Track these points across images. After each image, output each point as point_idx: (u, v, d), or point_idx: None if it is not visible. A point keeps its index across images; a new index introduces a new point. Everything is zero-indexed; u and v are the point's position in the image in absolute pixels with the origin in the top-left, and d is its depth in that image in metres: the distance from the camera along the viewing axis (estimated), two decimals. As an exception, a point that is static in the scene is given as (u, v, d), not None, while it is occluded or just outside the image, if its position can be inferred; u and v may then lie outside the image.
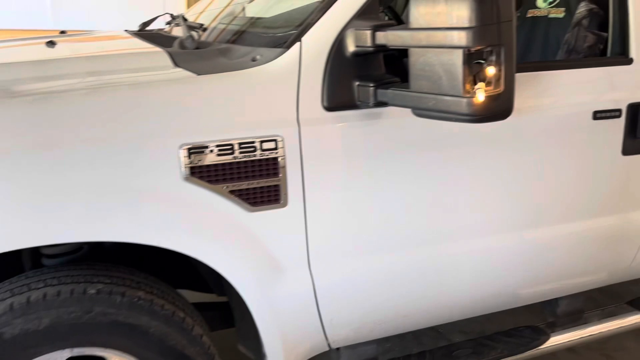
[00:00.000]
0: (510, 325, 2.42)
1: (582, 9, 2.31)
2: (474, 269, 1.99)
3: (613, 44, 2.14)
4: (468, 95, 1.37)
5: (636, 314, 2.42)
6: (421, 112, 1.53)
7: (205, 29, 2.09)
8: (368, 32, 1.59)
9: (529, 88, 1.90)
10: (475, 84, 1.38)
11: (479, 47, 1.34)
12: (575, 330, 2.33)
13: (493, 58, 1.36)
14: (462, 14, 1.32)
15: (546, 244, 2.10)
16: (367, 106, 1.67)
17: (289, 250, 1.71)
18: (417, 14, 1.43)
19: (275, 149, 1.60)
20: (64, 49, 2.25)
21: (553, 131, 1.96)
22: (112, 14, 6.21)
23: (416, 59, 1.47)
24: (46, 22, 6.48)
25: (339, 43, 1.65)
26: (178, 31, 2.33)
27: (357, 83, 1.67)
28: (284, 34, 1.73)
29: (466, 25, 1.32)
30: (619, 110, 2.02)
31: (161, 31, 2.69)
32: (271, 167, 1.61)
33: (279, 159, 1.61)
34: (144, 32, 2.56)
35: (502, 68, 1.36)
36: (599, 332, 2.36)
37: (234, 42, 1.92)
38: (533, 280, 2.17)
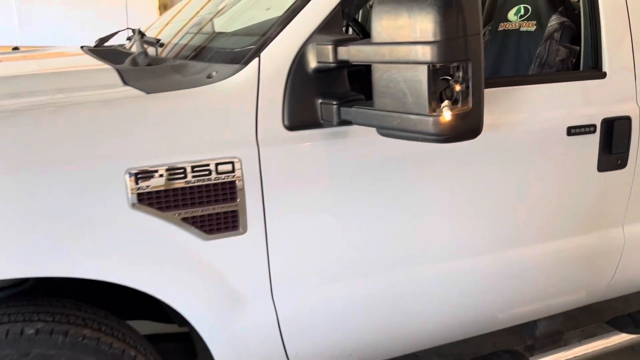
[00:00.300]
0: (489, 348, 2.33)
1: (553, 22, 2.26)
2: (448, 292, 1.89)
3: (585, 57, 2.08)
4: (434, 113, 1.28)
5: (616, 334, 2.35)
6: (386, 131, 1.44)
7: (162, 45, 1.98)
8: (330, 47, 1.50)
9: (500, 104, 1.83)
10: (441, 101, 1.29)
11: (444, 63, 1.25)
12: (555, 353, 2.25)
13: (460, 74, 1.27)
14: (426, 27, 1.23)
15: (522, 264, 2.02)
16: (331, 125, 1.57)
17: (249, 280, 1.59)
18: (380, 28, 1.34)
19: (232, 171, 1.49)
20: (2, 67, 2.12)
21: (526, 148, 1.89)
22: (81, 29, 6.07)
23: (380, 75, 1.38)
24: (14, 38, 6.31)
25: (300, 58, 1.56)
26: (137, 47, 2.22)
27: (320, 101, 1.57)
28: (242, 49, 1.63)
29: (430, 39, 1.23)
30: (594, 126, 1.96)
31: (121, 47, 2.57)
32: (228, 191, 1.50)
33: (237, 183, 1.50)
34: (99, 49, 2.43)
35: (470, 84, 1.28)
36: (580, 354, 2.28)
37: (191, 58, 1.82)
38: (510, 303, 2.09)
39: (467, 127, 1.31)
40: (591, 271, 2.19)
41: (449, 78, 1.28)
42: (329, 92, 1.57)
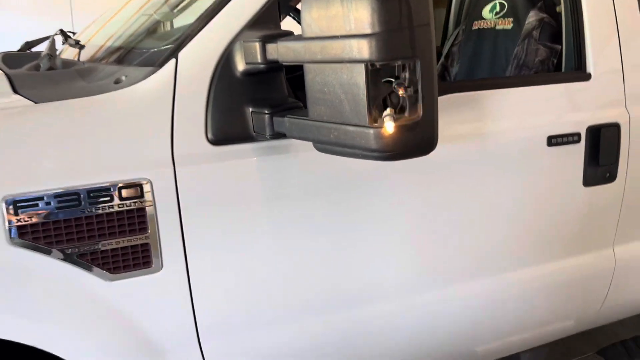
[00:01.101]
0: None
1: (532, 19, 2.02)
2: (412, 331, 1.63)
3: (568, 57, 1.84)
4: (375, 125, 1.02)
5: (608, 367, 2.10)
6: (322, 146, 1.18)
7: (83, 46, 1.71)
8: (257, 45, 1.24)
9: (470, 110, 1.58)
10: (384, 109, 1.03)
11: (385, 61, 1.00)
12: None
13: (406, 75, 1.02)
14: (361, 16, 0.98)
15: (501, 293, 1.76)
16: (264, 138, 1.31)
17: (169, 326, 1.32)
18: (310, 19, 1.09)
19: (141, 197, 1.23)
20: None
21: (500, 162, 1.64)
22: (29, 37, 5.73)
23: (313, 78, 1.13)
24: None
25: (226, 59, 1.30)
26: (68, 51, 1.96)
27: (251, 109, 1.31)
28: (157, 49, 1.38)
29: (367, 31, 0.98)
30: (578, 135, 1.71)
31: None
32: (136, 221, 1.24)
33: (147, 210, 1.24)
34: (11, 53, 2.16)
35: (419, 88, 1.02)
36: (568, 391, 2.04)
37: (102, 60, 1.56)
38: (489, 336, 1.83)
39: (417, 141, 1.05)
40: (579, 297, 1.94)
41: (393, 80, 1.02)
42: (261, 99, 1.32)
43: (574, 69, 1.79)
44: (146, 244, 1.25)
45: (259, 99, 1.32)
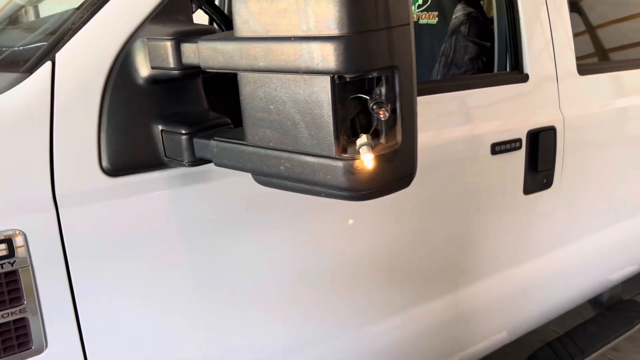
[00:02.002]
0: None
1: (459, 13, 1.88)
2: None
3: (501, 56, 1.71)
4: (345, 156, 0.77)
5: (540, 373, 2.04)
6: (267, 179, 0.91)
7: None
8: (168, 45, 0.93)
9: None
10: (355, 135, 0.79)
11: (358, 73, 0.75)
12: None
13: (381, 90, 0.78)
14: (325, 13, 0.72)
15: (441, 318, 1.61)
16: (180, 164, 1.01)
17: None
18: (247, 13, 0.80)
19: (11, 255, 0.88)
20: None
21: (438, 177, 1.46)
22: None
23: (252, 92, 0.85)
24: None
25: (124, 62, 0.98)
26: None
27: (161, 128, 1.00)
28: (23, 46, 1.01)
29: (334, 32, 0.72)
30: (519, 140, 1.59)
31: None
32: (5, 289, 0.89)
33: (21, 273, 0.89)
34: None
35: (398, 106, 0.79)
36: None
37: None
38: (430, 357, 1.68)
39: (396, 174, 0.82)
40: (517, 307, 1.85)
41: (366, 98, 0.78)
42: (175, 115, 1.01)
43: (510, 69, 1.67)
44: (22, 319, 0.91)
45: (171, 115, 1.01)
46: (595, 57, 1.96)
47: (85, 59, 0.96)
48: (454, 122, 1.47)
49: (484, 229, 1.61)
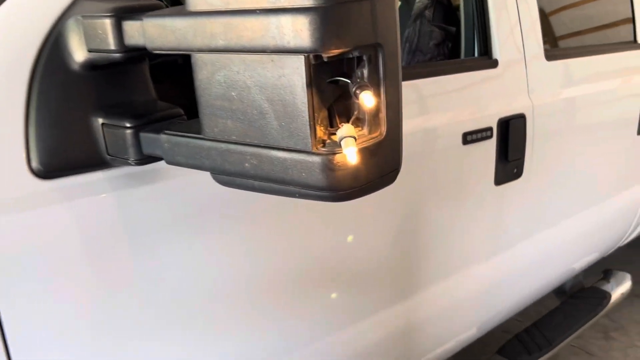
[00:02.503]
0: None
1: (422, -4, 1.79)
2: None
3: (468, 41, 1.63)
4: (322, 150, 0.66)
5: (511, 365, 2.00)
6: (230, 179, 0.78)
7: None
8: (107, 23, 0.79)
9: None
10: (333, 125, 0.68)
11: (340, 50, 0.63)
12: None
13: (363, 72, 0.67)
14: (299, -21, 0.60)
15: (418, 311, 1.53)
16: (125, 163, 0.87)
17: None
18: (202, -17, 0.67)
19: None
20: None
21: (406, 170, 1.37)
22: None
23: (209, 76, 0.72)
24: None
25: (54, 45, 0.83)
26: None
27: (101, 121, 0.86)
28: None
29: (307, 2, 0.60)
30: (490, 129, 1.52)
31: None
32: None
33: None
34: None
35: (382, 91, 0.68)
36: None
37: None
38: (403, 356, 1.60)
39: (380, 169, 0.71)
40: (487, 301, 1.79)
41: (347, 81, 0.67)
42: (118, 106, 0.87)
43: (479, 54, 1.59)
44: None
45: (113, 106, 0.87)
46: (561, 41, 1.92)
47: (7, 42, 0.80)
48: (422, 111, 1.38)
49: (455, 224, 1.53)
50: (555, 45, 1.94)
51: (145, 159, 0.85)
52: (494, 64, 1.55)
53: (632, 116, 2.08)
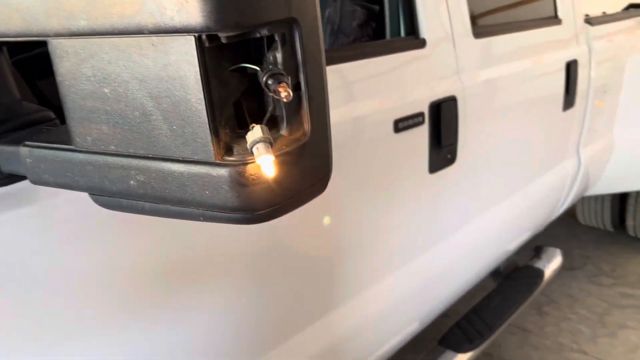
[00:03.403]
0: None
1: (341, -28, 1.65)
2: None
3: (393, 20, 1.52)
4: (231, 160, 0.51)
5: (454, 354, 1.94)
6: (113, 200, 0.61)
7: None
8: None
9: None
10: (242, 127, 0.52)
11: (242, 28, 0.48)
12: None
13: (278, 56, 0.52)
14: None
15: (343, 328, 1.42)
16: (-18, 184, 0.67)
17: None
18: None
19: None
20: None
21: (335, 164, 1.24)
22: None
23: (73, 69, 0.55)
24: None
25: None
26: None
27: (-56, 132, 0.66)
28: None
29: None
30: (422, 115, 1.41)
31: None
32: None
33: None
34: None
35: (303, 80, 0.53)
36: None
37: None
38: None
39: (307, 179, 0.57)
40: (427, 294, 1.71)
41: (255, 68, 0.51)
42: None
43: (406, 34, 1.48)
44: None
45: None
46: (489, 18, 1.85)
47: None
48: (348, 99, 1.25)
49: (390, 219, 1.42)
50: (476, 23, 1.87)
51: (5, 179, 0.66)
52: (421, 43, 1.44)
53: (557, 92, 2.06)
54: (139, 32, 0.48)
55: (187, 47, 0.47)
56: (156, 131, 0.52)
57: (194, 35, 0.47)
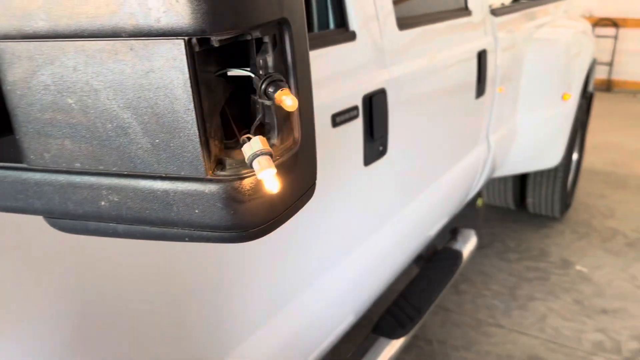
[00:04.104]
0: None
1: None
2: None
3: (321, 12, 1.50)
4: (223, 175, 0.46)
5: (387, 341, 1.99)
6: (79, 225, 0.54)
7: None
8: None
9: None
10: (229, 137, 0.48)
11: (236, 31, 0.44)
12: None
13: (268, 59, 0.48)
14: None
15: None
16: None
17: None
18: None
19: None
20: None
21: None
22: None
23: (27, 76, 0.47)
24: None
25: None
26: None
27: None
28: None
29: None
30: (356, 108, 1.41)
31: None
32: None
33: None
34: None
35: (293, 84, 0.50)
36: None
37: None
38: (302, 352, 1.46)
39: (299, 189, 0.53)
40: (361, 287, 1.73)
41: (250, 75, 0.47)
42: None
43: (335, 27, 1.46)
44: None
45: None
46: (407, 9, 1.88)
47: None
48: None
49: (328, 216, 1.41)
50: (398, 15, 1.90)
51: None
52: (352, 36, 1.44)
53: (471, 81, 2.16)
54: (114, 35, 0.42)
55: (175, 51, 0.42)
56: (134, 146, 0.46)
57: (184, 39, 0.42)
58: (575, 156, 3.72)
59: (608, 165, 4.56)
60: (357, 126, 1.42)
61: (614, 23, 7.36)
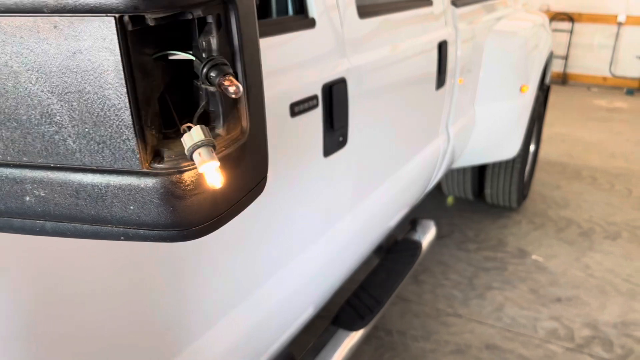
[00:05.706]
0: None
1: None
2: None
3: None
4: (161, 168, 0.42)
5: (347, 333, 1.98)
6: (3, 222, 0.49)
7: None
8: None
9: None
10: (168, 126, 0.44)
11: (173, 8, 0.39)
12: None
13: (212, 41, 0.44)
14: None
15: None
16: None
17: None
18: None
19: None
20: None
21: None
22: None
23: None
24: None
25: None
26: None
27: None
28: None
29: None
30: (316, 97, 1.38)
31: None
32: None
33: None
34: None
35: (240, 69, 0.46)
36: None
37: None
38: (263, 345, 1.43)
39: (248, 182, 0.50)
40: (320, 279, 1.70)
41: (191, 58, 0.43)
42: None
43: (294, 13, 1.42)
44: None
45: None
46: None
47: None
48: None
49: (287, 208, 1.37)
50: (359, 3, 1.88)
51: None
52: (311, 23, 1.40)
53: (431, 72, 2.15)
54: (35, 10, 0.38)
55: (104, 30, 0.38)
56: (61, 135, 0.42)
57: (114, 16, 0.37)
58: (532, 147, 3.79)
59: (564, 156, 4.68)
60: (316, 116, 1.39)
61: (569, 17, 7.54)
